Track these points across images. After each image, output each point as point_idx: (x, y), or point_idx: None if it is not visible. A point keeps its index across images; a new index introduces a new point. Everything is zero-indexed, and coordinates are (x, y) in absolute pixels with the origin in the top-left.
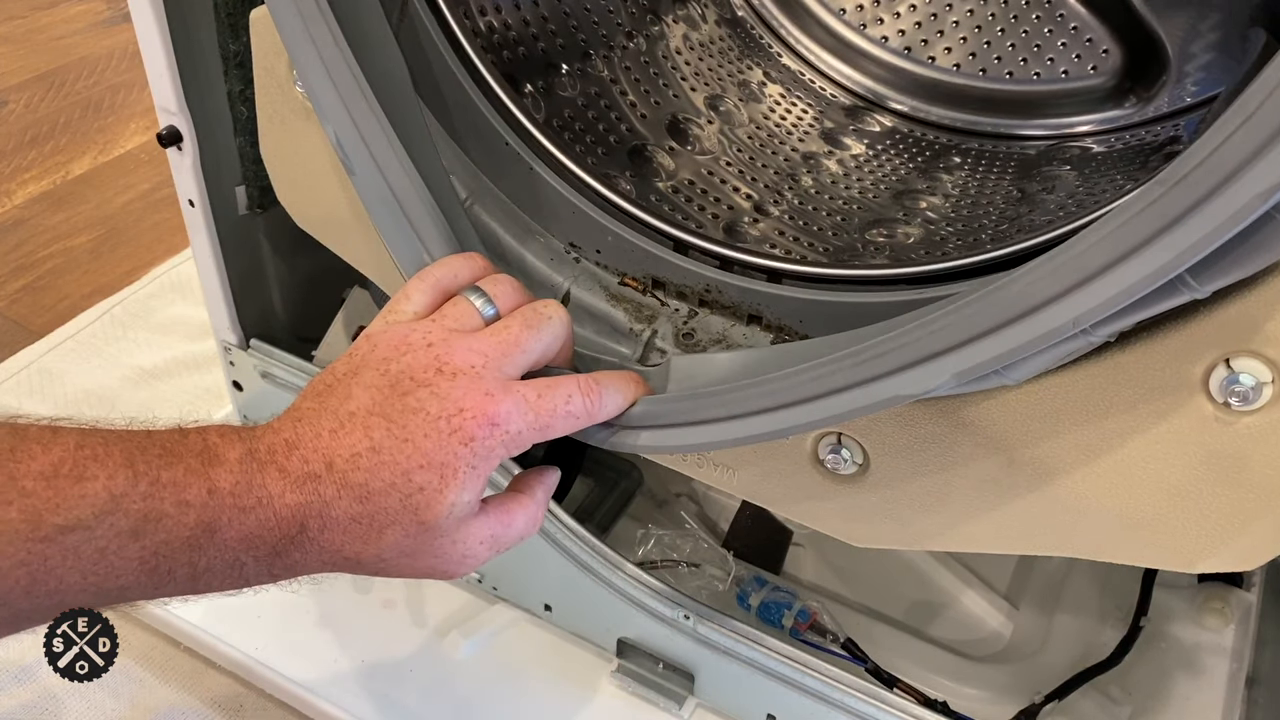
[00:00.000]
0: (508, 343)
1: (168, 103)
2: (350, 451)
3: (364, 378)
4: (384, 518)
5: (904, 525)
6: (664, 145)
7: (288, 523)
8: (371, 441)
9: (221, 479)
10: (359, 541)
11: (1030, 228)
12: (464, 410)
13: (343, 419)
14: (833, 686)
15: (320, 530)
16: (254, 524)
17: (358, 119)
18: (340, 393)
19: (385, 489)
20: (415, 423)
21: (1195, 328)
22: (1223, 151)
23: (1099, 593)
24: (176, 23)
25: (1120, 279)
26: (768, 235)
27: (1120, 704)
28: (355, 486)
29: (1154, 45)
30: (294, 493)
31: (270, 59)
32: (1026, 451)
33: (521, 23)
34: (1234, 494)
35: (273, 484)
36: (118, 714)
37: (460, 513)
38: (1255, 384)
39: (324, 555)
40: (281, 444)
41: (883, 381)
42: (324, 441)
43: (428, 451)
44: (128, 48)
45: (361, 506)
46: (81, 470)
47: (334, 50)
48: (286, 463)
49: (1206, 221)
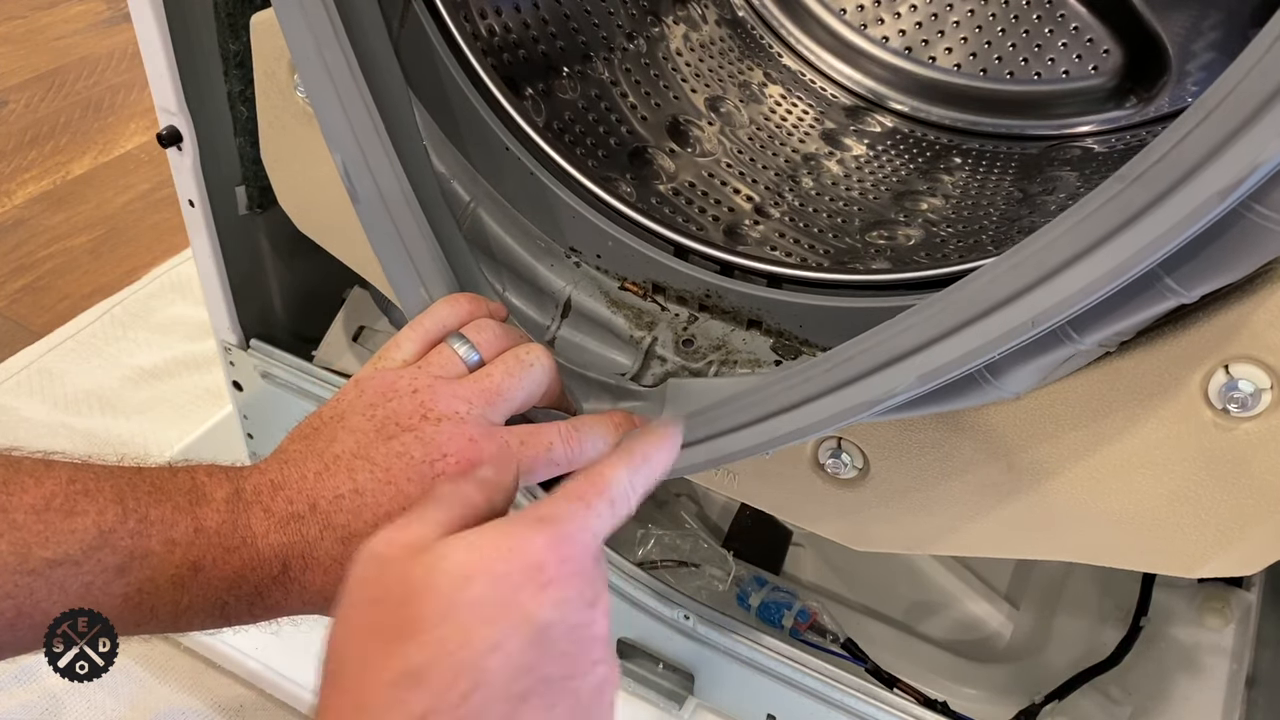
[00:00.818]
0: (490, 390)
1: (168, 103)
2: (334, 493)
3: (350, 422)
4: None
5: (904, 529)
6: (664, 147)
7: (271, 563)
8: (355, 484)
9: (208, 518)
10: (339, 581)
11: (1031, 229)
12: (447, 455)
13: (328, 461)
14: (833, 686)
15: (303, 571)
16: (238, 563)
17: (366, 150)
18: (326, 435)
19: (367, 530)
20: (399, 466)
21: (1194, 334)
22: (1181, 149)
23: (1099, 593)
24: (176, 23)
25: (1078, 277)
26: (768, 237)
27: (1120, 704)
28: (338, 528)
29: (1155, 45)
30: (278, 533)
31: (271, 63)
32: (1026, 456)
33: (522, 25)
34: (1233, 499)
35: (257, 524)
36: (118, 714)
37: None
38: (1254, 390)
39: (305, 595)
40: (267, 485)
41: (851, 388)
42: (309, 483)
43: (410, 495)
44: (128, 48)
45: (344, 548)
46: (72, 505)
47: (348, 79)
48: (271, 503)
49: (1165, 219)
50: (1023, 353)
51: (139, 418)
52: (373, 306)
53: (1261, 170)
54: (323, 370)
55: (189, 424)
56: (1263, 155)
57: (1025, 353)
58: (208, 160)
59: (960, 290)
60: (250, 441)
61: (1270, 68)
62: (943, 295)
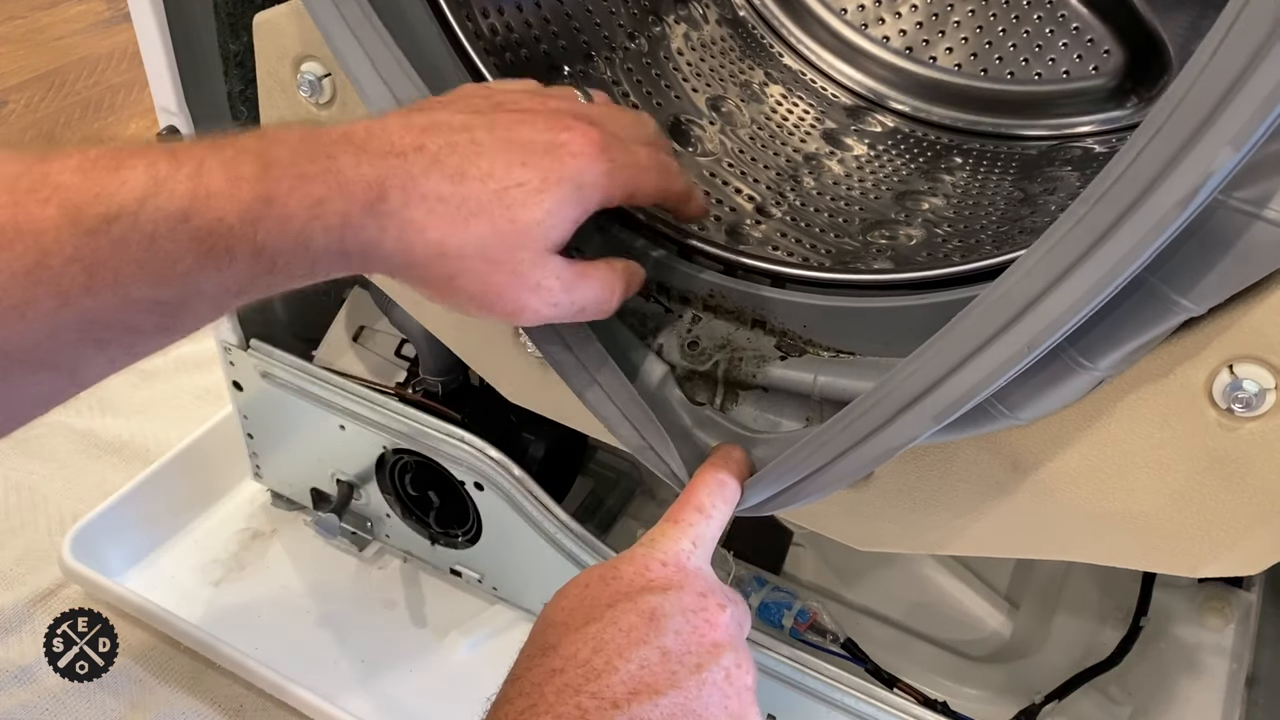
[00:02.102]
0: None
1: (168, 103)
2: (445, 140)
3: (463, 102)
4: (474, 204)
5: (907, 529)
6: None
7: (364, 189)
8: (471, 135)
9: (278, 154)
10: (444, 223)
11: (1031, 229)
12: (574, 134)
13: (436, 119)
14: (833, 686)
15: (403, 204)
16: (320, 190)
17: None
18: (432, 104)
19: (481, 176)
20: (522, 128)
21: (1198, 334)
22: (1137, 165)
23: (1099, 593)
24: (176, 23)
25: (1062, 299)
26: (770, 237)
27: (1120, 704)
28: (448, 166)
29: (1156, 45)
30: (371, 165)
31: (274, 64)
32: (1029, 457)
33: (524, 24)
34: (1237, 499)
35: (344, 155)
36: (118, 714)
37: (554, 226)
38: (1259, 390)
39: (403, 236)
40: (361, 129)
41: (873, 440)
42: (414, 132)
43: (533, 154)
44: (128, 48)
45: (452, 187)
46: (119, 161)
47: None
48: (366, 142)
49: (1131, 234)
50: (1038, 383)
51: (139, 418)
52: (373, 306)
53: (1215, 178)
54: (323, 370)
55: (189, 424)
56: (1214, 164)
57: (1040, 382)
58: None
59: (955, 327)
60: (250, 441)
61: (1212, 80)
62: (939, 335)
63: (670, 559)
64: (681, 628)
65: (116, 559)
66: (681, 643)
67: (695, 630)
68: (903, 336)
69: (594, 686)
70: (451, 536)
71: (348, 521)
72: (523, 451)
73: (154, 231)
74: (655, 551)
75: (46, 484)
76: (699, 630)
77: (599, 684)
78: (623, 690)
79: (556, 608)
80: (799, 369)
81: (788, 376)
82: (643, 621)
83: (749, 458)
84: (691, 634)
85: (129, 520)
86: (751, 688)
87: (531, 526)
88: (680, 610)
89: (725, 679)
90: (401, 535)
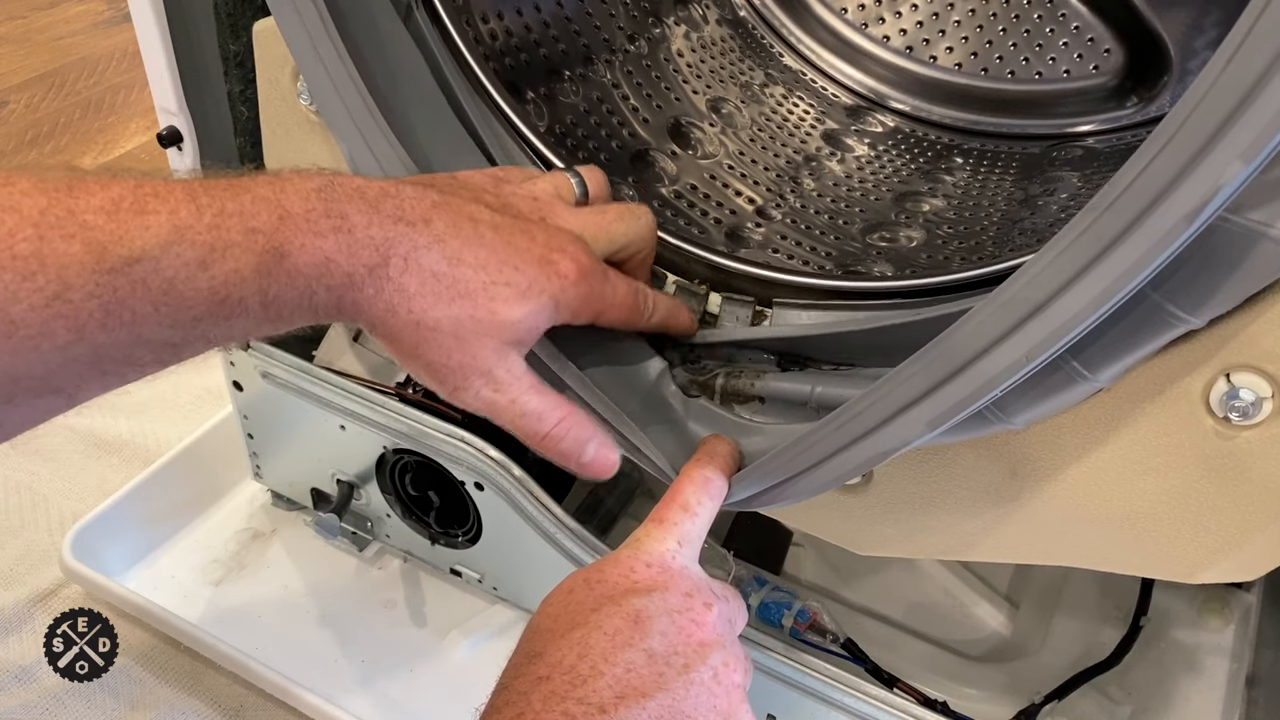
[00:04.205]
0: (601, 224)
1: (168, 103)
2: (452, 221)
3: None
4: (462, 287)
5: (907, 535)
6: (666, 149)
7: (370, 252)
8: (476, 227)
9: (294, 204)
10: (432, 297)
11: (1032, 230)
12: (564, 251)
13: (449, 200)
14: (833, 686)
15: (402, 271)
16: (330, 248)
17: (368, 139)
18: (446, 184)
19: (476, 265)
20: (519, 234)
21: (1195, 343)
22: (1146, 175)
23: (1099, 593)
24: (176, 23)
25: (1065, 308)
26: (770, 240)
27: (1120, 704)
28: (449, 246)
29: (1156, 44)
30: (380, 228)
31: (274, 71)
32: (1028, 463)
33: (523, 29)
34: (1234, 506)
35: (356, 214)
36: (118, 714)
37: (520, 332)
38: (1255, 399)
39: (392, 302)
40: (376, 189)
41: (867, 440)
42: (425, 205)
43: (527, 262)
44: (128, 48)
45: (449, 267)
46: (143, 205)
47: (340, 67)
48: (379, 203)
49: (1138, 245)
50: (1034, 390)
51: (139, 418)
52: None
53: (1225, 191)
54: (323, 370)
55: (189, 424)
56: (1224, 177)
57: (1038, 390)
58: (208, 160)
59: (955, 333)
60: (250, 441)
61: (1224, 92)
62: (938, 341)
63: (655, 559)
64: (667, 629)
65: (116, 559)
66: (668, 644)
67: (681, 631)
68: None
69: (580, 692)
70: (451, 536)
71: (348, 521)
72: (523, 451)
73: (174, 277)
74: (640, 553)
75: (46, 484)
76: (685, 630)
77: (585, 689)
78: (609, 695)
79: (542, 614)
80: (797, 381)
81: (785, 389)
82: (628, 624)
83: (737, 450)
84: (678, 635)
85: (129, 520)
86: (741, 685)
87: (531, 526)
88: (666, 611)
89: (713, 678)
90: (401, 535)
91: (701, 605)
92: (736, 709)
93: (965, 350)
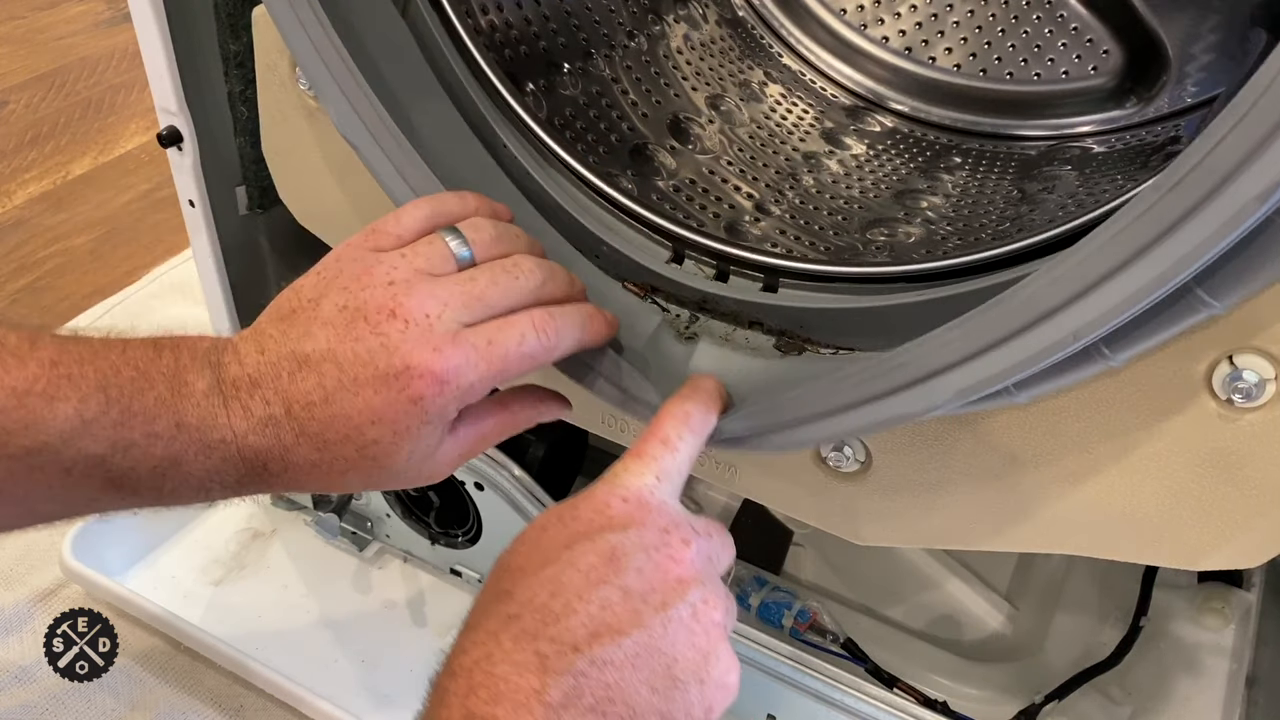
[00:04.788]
0: (470, 295)
1: (168, 103)
2: (305, 399)
3: (323, 310)
4: (342, 464)
5: (906, 523)
6: (665, 144)
7: (250, 461)
8: (325, 391)
9: (189, 413)
10: (320, 482)
11: (1031, 227)
12: (410, 368)
13: (300, 360)
14: (833, 686)
15: (281, 470)
16: (218, 460)
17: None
18: (301, 325)
19: (340, 440)
20: (365, 376)
21: (1199, 325)
22: (1216, 154)
23: (1099, 593)
24: (176, 23)
25: (1120, 288)
26: (769, 235)
27: (1120, 704)
28: (312, 435)
29: (1155, 46)
30: (256, 435)
31: (273, 56)
32: (1029, 449)
33: (523, 21)
34: (1237, 490)
35: (238, 422)
36: (118, 714)
37: (423, 454)
38: (1259, 380)
39: (289, 487)
40: (246, 380)
41: (885, 401)
42: (283, 383)
43: (377, 409)
44: (128, 48)
45: (319, 454)
46: (55, 390)
47: (323, 37)
48: (250, 402)
49: (1204, 226)
50: (1053, 369)
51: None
52: None
53: None
54: None
55: None
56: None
57: (1055, 369)
58: (208, 160)
59: (999, 305)
60: None
61: None
62: (981, 310)
63: (632, 494)
64: (644, 565)
65: (116, 559)
66: (644, 581)
67: (658, 567)
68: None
69: (553, 631)
70: (451, 536)
71: (348, 521)
72: (523, 451)
73: (71, 468)
74: (616, 488)
75: None
76: (662, 567)
77: (558, 628)
78: (583, 633)
79: (514, 552)
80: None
81: None
82: (602, 561)
83: (723, 388)
84: (654, 571)
85: (129, 520)
86: (721, 623)
87: None
88: (642, 547)
89: (692, 616)
90: (401, 535)
91: (679, 541)
92: (716, 647)
93: (1011, 321)
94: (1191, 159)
